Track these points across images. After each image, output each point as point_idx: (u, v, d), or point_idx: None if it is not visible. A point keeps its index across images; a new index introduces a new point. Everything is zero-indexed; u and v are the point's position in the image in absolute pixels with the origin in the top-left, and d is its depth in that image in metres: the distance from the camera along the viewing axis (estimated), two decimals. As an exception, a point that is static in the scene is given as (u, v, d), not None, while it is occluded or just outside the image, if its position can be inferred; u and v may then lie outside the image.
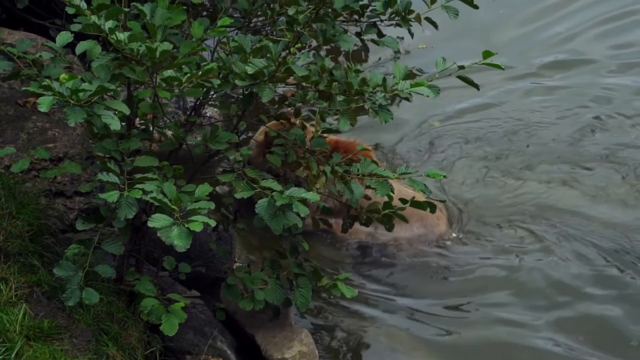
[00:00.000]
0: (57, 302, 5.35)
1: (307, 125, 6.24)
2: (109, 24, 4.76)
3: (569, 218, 8.00)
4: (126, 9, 5.05)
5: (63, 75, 4.73)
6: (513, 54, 10.17)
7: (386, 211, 5.83)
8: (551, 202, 8.22)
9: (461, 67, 5.43)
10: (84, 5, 4.82)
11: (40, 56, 5.61)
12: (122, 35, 4.76)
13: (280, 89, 6.00)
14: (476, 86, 5.61)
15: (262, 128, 6.30)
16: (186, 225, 4.48)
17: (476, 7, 5.83)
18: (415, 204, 5.74)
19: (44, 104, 4.57)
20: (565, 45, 10.59)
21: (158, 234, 4.51)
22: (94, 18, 4.75)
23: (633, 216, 8.00)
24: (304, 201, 4.92)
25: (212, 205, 4.72)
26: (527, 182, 8.47)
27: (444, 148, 8.89)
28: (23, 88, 5.02)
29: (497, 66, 5.45)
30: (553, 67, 10.19)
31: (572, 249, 7.65)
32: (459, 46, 9.78)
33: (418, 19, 5.98)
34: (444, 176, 5.62)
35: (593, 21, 10.97)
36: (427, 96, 5.19)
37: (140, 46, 4.76)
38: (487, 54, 5.36)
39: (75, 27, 4.93)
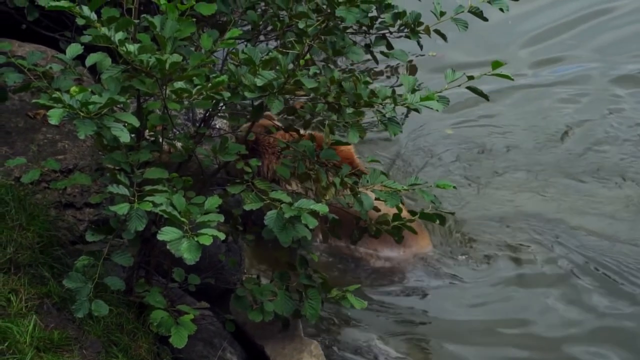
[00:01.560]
0: (67, 313, 5.35)
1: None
2: (119, 35, 4.79)
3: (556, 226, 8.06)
4: (136, 21, 5.08)
5: (73, 88, 4.75)
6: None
7: (395, 223, 5.85)
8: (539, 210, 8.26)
9: (470, 78, 5.44)
10: (94, 17, 4.85)
11: (51, 68, 5.65)
12: (132, 47, 4.78)
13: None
14: (486, 97, 5.62)
15: (244, 125, 6.30)
16: (196, 239, 4.50)
17: (486, 19, 5.83)
18: (424, 216, 5.76)
19: (54, 116, 4.59)
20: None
21: (168, 247, 4.53)
22: (104, 30, 4.78)
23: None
24: (313, 213, 4.94)
25: (222, 218, 4.74)
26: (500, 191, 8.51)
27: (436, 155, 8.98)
28: (33, 100, 5.04)
29: (507, 77, 5.46)
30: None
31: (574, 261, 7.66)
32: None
33: (427, 31, 5.99)
34: (454, 187, 5.63)
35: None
36: (437, 110, 5.21)
37: (150, 58, 4.79)
38: (496, 64, 5.38)
39: (85, 39, 4.96)
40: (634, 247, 7.77)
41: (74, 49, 5.25)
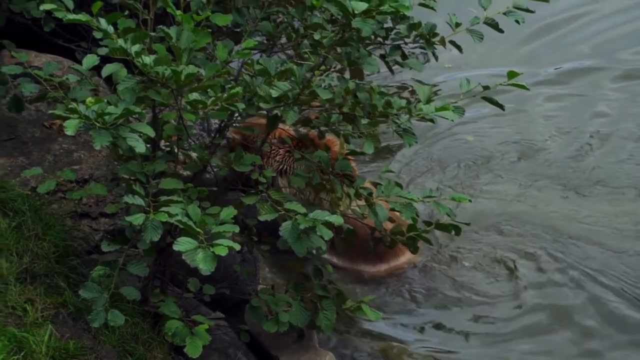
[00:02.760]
0: (83, 323, 5.37)
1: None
2: (135, 47, 4.81)
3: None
4: (152, 33, 5.10)
5: (89, 99, 4.77)
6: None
7: (410, 234, 5.85)
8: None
9: (486, 88, 5.44)
10: (110, 29, 4.87)
11: (67, 79, 5.68)
12: (148, 59, 4.80)
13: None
14: (501, 107, 5.62)
15: (232, 128, 6.30)
16: (211, 250, 4.51)
17: (501, 31, 5.83)
18: (439, 226, 5.77)
19: (70, 127, 4.61)
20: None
21: (183, 257, 4.54)
22: (120, 42, 4.80)
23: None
24: (328, 224, 4.94)
25: (237, 229, 4.75)
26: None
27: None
28: (50, 111, 5.07)
29: (522, 87, 5.46)
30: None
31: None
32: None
33: (442, 42, 5.99)
34: (470, 200, 5.63)
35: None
36: (452, 120, 5.22)
37: (166, 69, 4.80)
38: (512, 74, 5.38)
39: (102, 51, 4.99)
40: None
41: (90, 60, 5.27)
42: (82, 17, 4.86)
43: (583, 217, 8.23)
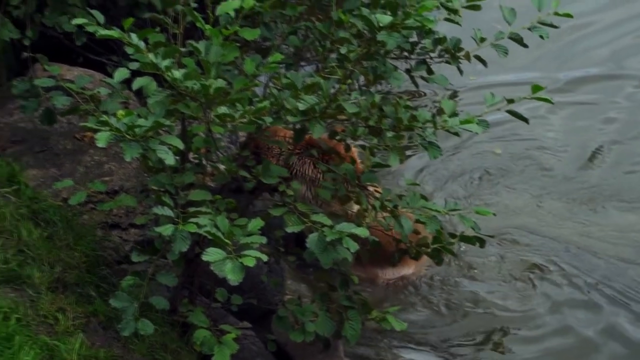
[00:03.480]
0: (113, 332, 5.41)
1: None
2: (166, 62, 4.85)
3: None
4: (182, 49, 5.15)
5: (120, 112, 4.82)
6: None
7: (435, 245, 5.86)
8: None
9: (510, 101, 5.45)
10: (142, 45, 4.92)
11: (98, 92, 5.73)
12: (177, 73, 4.84)
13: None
14: (526, 120, 5.62)
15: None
16: (239, 260, 4.54)
17: (525, 45, 5.83)
18: (464, 239, 5.77)
19: (102, 139, 4.66)
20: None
21: (211, 267, 4.57)
22: (151, 56, 4.85)
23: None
24: (353, 236, 4.96)
25: (264, 240, 4.78)
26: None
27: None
28: (81, 123, 5.12)
29: (547, 100, 5.46)
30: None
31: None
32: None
33: (467, 56, 6.00)
34: (494, 214, 5.63)
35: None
36: (476, 133, 5.23)
37: (195, 84, 4.84)
38: (536, 88, 5.38)
39: (134, 66, 5.02)
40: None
41: (121, 73, 5.31)
42: (114, 33, 4.91)
43: (596, 229, 8.19)
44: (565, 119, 9.68)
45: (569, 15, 5.68)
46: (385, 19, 5.07)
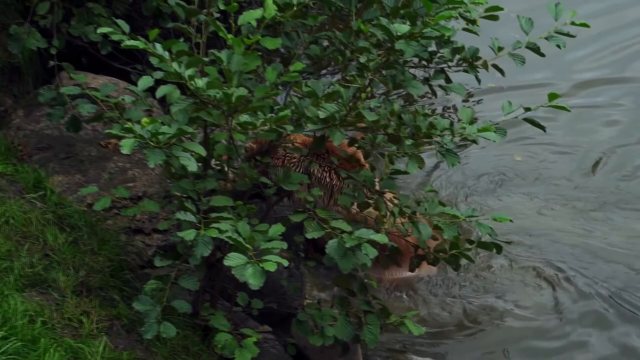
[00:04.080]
0: (136, 335, 5.44)
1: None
2: (189, 71, 4.88)
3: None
4: (205, 58, 5.17)
5: (144, 119, 4.85)
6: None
7: (453, 251, 5.86)
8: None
9: (527, 109, 5.45)
10: (166, 55, 4.95)
11: (123, 99, 5.77)
12: (200, 82, 4.87)
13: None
14: (543, 128, 5.62)
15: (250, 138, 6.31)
16: (260, 265, 4.56)
17: (543, 55, 5.82)
18: (481, 245, 5.77)
19: (126, 146, 4.70)
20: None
21: (233, 272, 4.60)
22: (175, 66, 4.88)
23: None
24: (372, 243, 4.98)
25: (285, 245, 4.80)
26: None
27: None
28: (106, 130, 5.15)
29: (564, 108, 5.46)
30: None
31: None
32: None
33: (485, 65, 6.00)
34: (511, 220, 5.62)
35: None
36: (494, 141, 5.24)
37: (217, 93, 4.87)
38: (552, 96, 5.38)
39: (158, 75, 5.06)
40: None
41: (145, 82, 5.35)
42: (139, 43, 4.95)
43: (602, 235, 8.15)
44: (572, 122, 9.61)
45: (585, 25, 5.67)
46: (402, 28, 5.09)
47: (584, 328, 7.23)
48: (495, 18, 5.70)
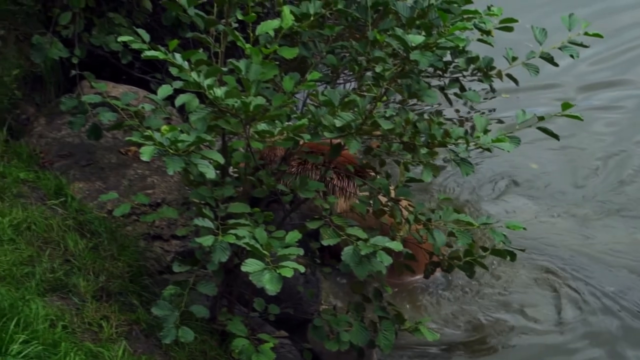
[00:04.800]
0: (155, 339, 5.45)
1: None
2: (208, 81, 4.90)
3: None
4: (224, 68, 5.19)
5: (164, 127, 4.87)
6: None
7: (467, 258, 5.85)
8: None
9: (541, 118, 5.44)
10: (185, 64, 4.97)
11: (142, 108, 5.78)
12: (219, 92, 4.88)
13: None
14: (556, 137, 5.60)
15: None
16: (277, 271, 4.56)
17: (556, 64, 5.81)
18: (495, 252, 5.76)
19: (146, 153, 4.71)
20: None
21: (250, 278, 4.60)
22: (194, 75, 4.89)
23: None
24: (387, 250, 4.97)
25: (302, 252, 4.80)
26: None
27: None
28: (127, 138, 5.17)
29: (577, 117, 5.44)
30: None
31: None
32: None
33: (500, 75, 5.99)
34: (524, 228, 5.61)
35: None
36: (508, 151, 5.23)
37: (236, 102, 4.88)
38: (566, 105, 5.37)
39: (177, 84, 5.07)
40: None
41: (164, 90, 5.36)
42: (159, 54, 4.96)
43: (605, 241, 8.13)
44: (577, 126, 9.54)
45: (598, 36, 5.65)
46: (417, 39, 5.09)
47: (590, 340, 7.21)
48: (510, 29, 5.69)
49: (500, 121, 9.28)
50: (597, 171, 9.06)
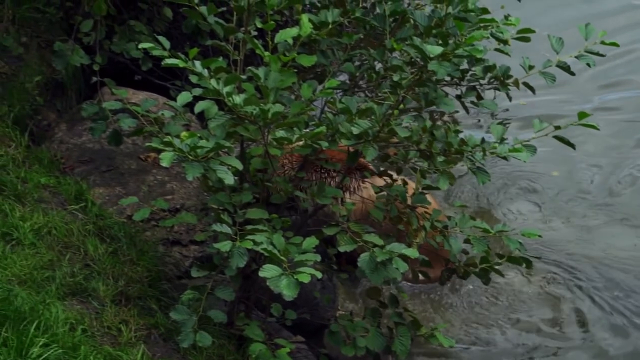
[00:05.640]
0: (173, 343, 5.46)
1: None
2: (227, 88, 4.90)
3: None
4: (243, 76, 5.19)
5: (183, 133, 4.88)
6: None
7: (483, 265, 5.84)
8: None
9: (557, 128, 5.42)
10: (205, 72, 4.98)
11: (162, 114, 5.80)
12: (238, 99, 4.89)
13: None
14: (572, 146, 5.58)
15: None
16: (294, 277, 4.56)
17: (573, 73, 5.79)
18: (511, 259, 5.75)
19: (166, 159, 4.72)
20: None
21: (267, 283, 4.60)
22: (213, 82, 4.90)
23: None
24: (403, 257, 4.96)
25: (318, 258, 4.80)
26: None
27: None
28: (146, 144, 5.18)
29: (593, 127, 5.42)
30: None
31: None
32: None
33: (516, 83, 5.98)
34: (539, 236, 5.60)
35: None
36: (524, 161, 5.22)
37: (254, 109, 4.89)
38: (582, 115, 5.35)
39: (197, 92, 5.08)
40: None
41: (184, 97, 5.37)
42: (179, 62, 4.98)
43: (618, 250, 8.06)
44: (599, 138, 9.50)
45: (615, 44, 5.63)
46: (436, 49, 5.08)
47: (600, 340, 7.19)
48: (527, 40, 5.68)
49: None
50: (603, 177, 9.00)
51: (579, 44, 5.71)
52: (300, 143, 5.16)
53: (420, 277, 6.23)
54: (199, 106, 5.16)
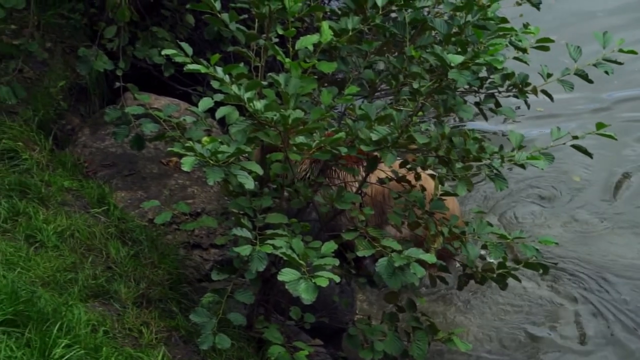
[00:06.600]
0: (193, 346, 5.47)
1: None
2: (248, 94, 4.93)
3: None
4: (263, 82, 5.22)
5: (205, 138, 4.90)
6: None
7: (500, 271, 5.83)
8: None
9: (575, 137, 5.42)
10: (226, 78, 5.00)
11: (184, 120, 5.83)
12: (259, 105, 4.91)
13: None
14: (590, 155, 5.57)
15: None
16: (313, 281, 4.58)
17: (591, 81, 5.79)
18: (528, 265, 5.74)
19: (187, 163, 4.74)
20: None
21: (286, 287, 4.62)
22: (234, 88, 4.93)
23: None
24: (421, 262, 4.97)
25: (337, 262, 4.81)
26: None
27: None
28: (168, 149, 5.21)
29: (610, 136, 5.41)
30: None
31: None
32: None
33: (535, 91, 5.98)
34: (556, 243, 5.59)
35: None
36: (542, 168, 5.22)
37: (275, 115, 4.91)
38: (600, 125, 5.35)
39: (218, 97, 5.10)
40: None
41: (205, 103, 5.38)
42: (201, 67, 5.01)
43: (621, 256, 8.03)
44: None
45: (633, 52, 5.62)
46: (456, 59, 5.08)
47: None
48: (546, 49, 5.68)
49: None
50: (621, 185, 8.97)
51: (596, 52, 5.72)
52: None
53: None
54: (221, 112, 5.18)
